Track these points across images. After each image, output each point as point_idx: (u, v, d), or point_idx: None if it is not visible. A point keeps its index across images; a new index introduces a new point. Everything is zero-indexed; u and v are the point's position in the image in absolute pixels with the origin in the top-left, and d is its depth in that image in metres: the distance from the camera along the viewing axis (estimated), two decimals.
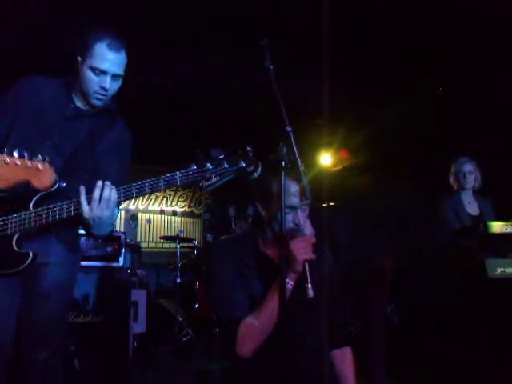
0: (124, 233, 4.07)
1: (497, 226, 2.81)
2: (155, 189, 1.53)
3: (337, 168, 6.39)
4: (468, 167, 3.34)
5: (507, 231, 2.79)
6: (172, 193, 7.10)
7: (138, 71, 4.08)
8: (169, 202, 7.13)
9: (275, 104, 1.46)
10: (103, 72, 1.70)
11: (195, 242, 5.45)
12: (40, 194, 1.61)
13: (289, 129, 1.43)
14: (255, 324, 1.49)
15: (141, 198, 6.76)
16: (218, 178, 1.49)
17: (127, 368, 3.31)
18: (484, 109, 4.23)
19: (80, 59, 1.73)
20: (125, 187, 1.55)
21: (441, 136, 4.50)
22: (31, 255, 1.60)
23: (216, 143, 1.57)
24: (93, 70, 1.70)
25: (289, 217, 1.52)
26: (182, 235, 5.55)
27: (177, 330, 4.44)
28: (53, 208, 1.56)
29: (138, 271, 4.63)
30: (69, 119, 1.79)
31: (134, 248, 4.94)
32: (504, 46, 3.68)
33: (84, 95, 1.78)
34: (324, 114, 4.34)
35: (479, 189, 3.40)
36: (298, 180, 1.51)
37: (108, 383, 3.08)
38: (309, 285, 1.43)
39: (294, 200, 1.53)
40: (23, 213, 1.59)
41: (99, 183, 1.52)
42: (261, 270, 1.61)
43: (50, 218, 1.56)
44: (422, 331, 3.45)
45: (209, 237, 6.07)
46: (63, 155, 1.75)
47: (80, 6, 3.35)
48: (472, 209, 3.33)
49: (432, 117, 4.61)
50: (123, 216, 6.53)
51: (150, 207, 6.98)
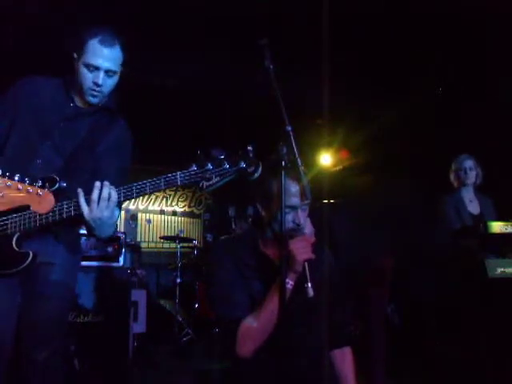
0: (124, 233, 4.06)
1: (497, 226, 2.81)
2: (156, 189, 1.53)
3: (337, 168, 6.39)
4: (469, 163, 3.36)
5: (507, 231, 2.80)
6: (172, 193, 7.10)
7: (138, 71, 4.09)
8: (169, 202, 7.13)
9: (275, 103, 1.45)
10: (96, 68, 1.70)
11: (195, 242, 5.45)
12: None
13: (289, 128, 1.42)
14: (255, 324, 1.48)
15: (141, 198, 6.76)
16: (219, 179, 1.48)
17: (127, 368, 3.30)
18: (484, 109, 4.23)
19: (76, 56, 1.74)
20: (125, 187, 1.54)
21: (441, 136, 4.50)
22: (31, 255, 1.60)
23: (216, 143, 1.56)
24: (87, 67, 1.71)
25: (289, 217, 1.52)
26: (182, 235, 5.55)
27: (177, 330, 4.44)
28: (53, 208, 1.56)
29: (138, 271, 4.63)
30: (68, 119, 1.79)
31: (134, 248, 4.94)
32: (504, 46, 3.68)
33: (80, 93, 1.78)
34: (324, 114, 4.35)
35: (480, 186, 3.41)
36: (298, 180, 1.51)
37: (108, 383, 3.08)
38: (309, 284, 1.43)
39: (295, 200, 1.53)
40: (23, 213, 1.58)
41: (97, 184, 1.52)
42: (261, 270, 1.60)
43: (50, 218, 1.56)
44: (422, 331, 3.45)
45: (209, 237, 6.07)
46: (63, 155, 1.75)
47: (80, 6, 3.35)
48: (473, 207, 3.34)
49: (432, 117, 4.61)
50: (123, 216, 6.53)
51: (150, 207, 6.98)
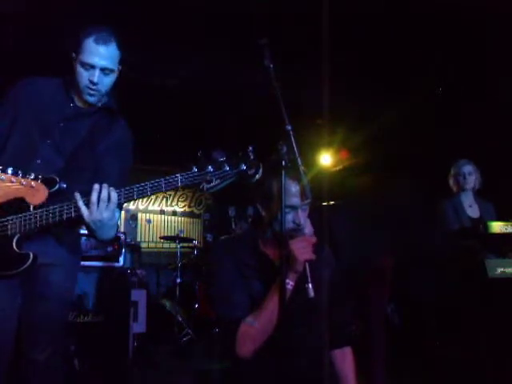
0: (124, 233, 4.07)
1: (497, 226, 2.81)
2: (156, 191, 1.52)
3: (337, 168, 6.39)
4: (468, 168, 3.36)
5: (507, 231, 2.80)
6: (172, 193, 7.10)
7: (138, 71, 4.09)
8: (169, 202, 7.13)
9: (275, 103, 1.45)
10: (92, 66, 1.71)
11: (195, 242, 5.45)
12: None
13: (289, 127, 1.42)
14: (255, 324, 1.48)
15: (141, 199, 6.75)
16: (219, 181, 1.48)
17: (127, 368, 3.31)
18: (484, 109, 4.23)
19: (74, 56, 1.75)
20: (126, 189, 1.54)
21: (441, 136, 4.50)
22: (31, 256, 1.59)
23: (216, 143, 1.56)
24: (83, 66, 1.71)
25: (289, 217, 1.52)
26: (182, 235, 5.54)
27: (177, 330, 4.44)
28: (53, 209, 1.56)
29: (138, 271, 4.63)
30: (69, 119, 1.79)
31: (134, 248, 4.94)
32: (504, 46, 3.68)
33: (79, 92, 1.78)
34: (324, 114, 4.34)
35: (479, 191, 3.41)
36: (299, 180, 1.51)
37: (108, 383, 3.08)
38: (309, 285, 1.43)
39: (295, 200, 1.53)
40: (24, 214, 1.58)
41: (96, 186, 1.52)
42: (261, 270, 1.60)
43: (51, 220, 1.56)
44: (422, 331, 3.45)
45: (209, 237, 6.07)
46: (64, 155, 1.75)
47: (80, 6, 3.35)
48: (472, 211, 3.33)
49: (432, 117, 4.61)
50: (123, 216, 6.53)
51: (150, 207, 6.98)
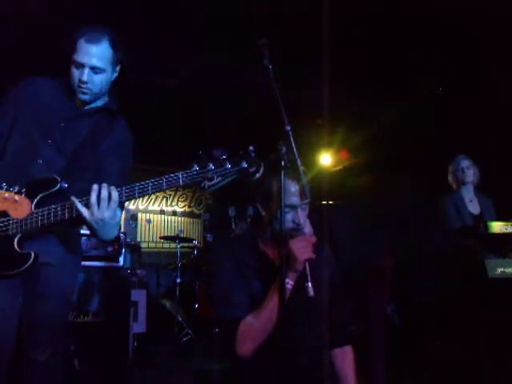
0: (124, 233, 4.06)
1: (497, 226, 2.82)
2: (157, 189, 1.52)
3: (337, 168, 6.39)
4: (465, 162, 3.39)
5: (507, 231, 2.80)
6: (172, 193, 7.10)
7: (138, 71, 4.09)
8: (169, 202, 7.13)
9: (274, 103, 1.45)
10: (82, 65, 1.71)
11: (195, 242, 5.45)
12: (42, 195, 1.61)
13: (288, 128, 1.43)
14: (255, 323, 1.49)
15: (141, 198, 6.75)
16: (221, 179, 1.48)
17: (127, 368, 3.30)
18: (484, 109, 4.23)
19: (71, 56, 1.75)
20: (127, 187, 1.54)
21: (441, 136, 4.50)
22: (33, 256, 1.59)
23: (216, 143, 1.56)
24: (75, 65, 1.72)
25: (289, 216, 1.52)
26: (182, 235, 5.55)
27: (177, 330, 4.43)
28: (55, 209, 1.56)
29: (138, 271, 4.63)
30: (69, 119, 1.79)
31: (134, 248, 4.95)
32: (504, 46, 3.68)
33: (75, 92, 1.79)
34: (324, 114, 4.34)
35: (479, 185, 3.42)
36: (298, 180, 1.51)
37: (108, 383, 3.08)
38: (309, 284, 1.44)
39: (294, 199, 1.53)
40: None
41: (95, 187, 1.52)
42: (261, 270, 1.60)
43: (52, 219, 1.56)
44: (422, 331, 3.45)
45: (209, 237, 6.07)
46: (65, 155, 1.75)
47: (80, 6, 3.35)
48: (473, 207, 3.34)
49: (432, 117, 4.61)
50: (123, 216, 6.53)
51: (150, 207, 6.98)
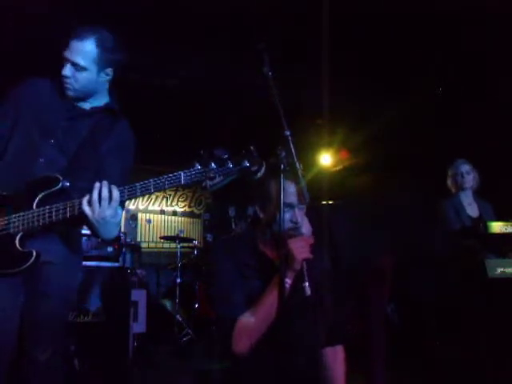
0: (124, 233, 4.07)
1: (497, 226, 2.82)
2: (159, 188, 1.53)
3: (337, 168, 6.39)
4: (465, 167, 3.36)
5: (507, 231, 2.80)
6: (172, 193, 7.10)
7: (138, 71, 4.09)
8: (169, 202, 7.13)
9: (274, 109, 1.46)
10: (65, 60, 1.72)
11: (195, 242, 5.45)
12: (43, 194, 1.61)
13: (287, 133, 1.44)
14: (252, 320, 1.51)
15: (141, 198, 6.76)
16: (222, 178, 1.49)
17: (127, 368, 3.30)
18: (484, 109, 4.23)
19: None
20: (129, 186, 1.55)
21: (441, 136, 4.50)
22: (34, 254, 1.59)
23: (216, 143, 1.57)
24: (64, 61, 1.73)
25: (287, 215, 1.54)
26: (182, 235, 5.55)
27: (177, 330, 4.44)
28: (56, 207, 1.57)
29: (138, 271, 4.64)
30: (70, 119, 1.79)
31: (134, 248, 4.95)
32: (504, 46, 3.68)
33: None
34: (324, 114, 4.34)
35: (478, 190, 3.41)
36: (296, 181, 1.53)
37: (108, 383, 3.08)
38: (306, 283, 1.46)
39: (292, 198, 1.56)
40: (27, 212, 1.59)
41: (97, 184, 1.53)
42: (261, 270, 1.62)
43: (54, 218, 1.57)
44: (422, 331, 3.45)
45: (209, 237, 6.07)
46: (67, 154, 1.75)
47: (80, 6, 3.35)
48: (472, 211, 3.33)
49: (432, 117, 4.61)
50: (123, 216, 6.51)
51: (150, 207, 6.98)
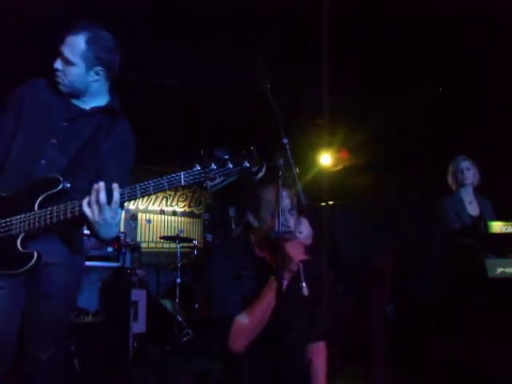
0: (124, 233, 4.08)
1: (497, 226, 2.82)
2: (159, 189, 1.52)
3: (337, 168, 6.39)
4: (465, 164, 3.35)
5: (507, 231, 2.80)
6: (172, 193, 7.10)
7: (138, 71, 4.09)
8: (169, 202, 7.12)
9: (274, 118, 1.48)
10: (59, 53, 1.73)
11: (195, 242, 5.45)
12: (45, 195, 1.61)
13: (285, 141, 1.47)
14: (248, 320, 1.54)
15: (141, 198, 6.75)
16: (223, 179, 1.49)
17: (127, 368, 3.31)
18: (484, 109, 4.23)
19: None
20: (129, 188, 1.54)
21: (441, 136, 4.50)
22: (36, 255, 1.59)
23: (216, 143, 1.57)
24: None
25: (281, 219, 1.57)
26: (182, 235, 5.55)
27: (177, 330, 4.44)
28: (57, 209, 1.57)
29: (138, 271, 4.63)
30: (71, 119, 1.79)
31: (134, 248, 4.95)
32: (504, 46, 3.68)
33: None
34: (324, 114, 4.34)
35: (478, 186, 3.40)
36: (290, 187, 1.59)
37: (108, 383, 3.08)
38: (303, 284, 1.51)
39: (286, 201, 1.62)
40: (28, 213, 1.59)
41: (95, 186, 1.52)
42: (258, 272, 1.66)
43: (55, 219, 1.57)
44: (422, 331, 3.45)
45: (209, 237, 6.06)
46: (67, 155, 1.75)
47: (80, 6, 3.34)
48: (472, 209, 3.31)
49: (432, 117, 4.61)
50: (123, 216, 6.53)
51: (150, 207, 6.98)
